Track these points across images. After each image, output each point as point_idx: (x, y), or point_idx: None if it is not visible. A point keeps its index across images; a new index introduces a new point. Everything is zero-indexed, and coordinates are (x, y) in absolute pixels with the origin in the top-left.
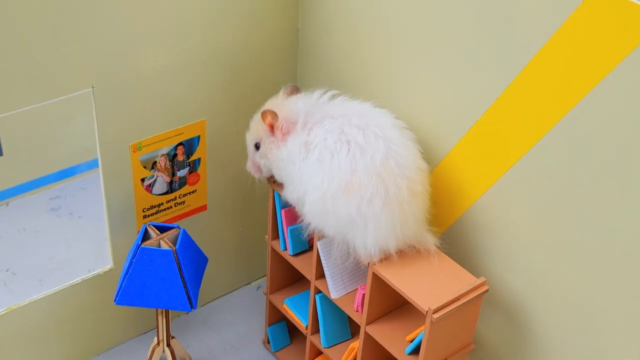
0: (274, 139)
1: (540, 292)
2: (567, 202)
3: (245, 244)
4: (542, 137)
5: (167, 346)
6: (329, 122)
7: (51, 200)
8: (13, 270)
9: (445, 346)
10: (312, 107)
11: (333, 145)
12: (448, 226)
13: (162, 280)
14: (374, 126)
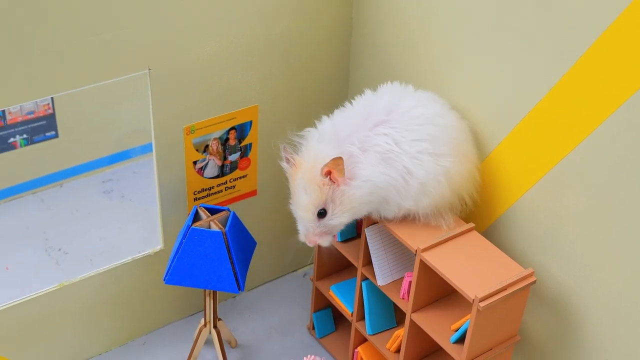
0: (342, 185)
1: (589, 286)
2: (619, 195)
3: (294, 231)
4: (595, 129)
5: (213, 328)
6: (381, 127)
7: (103, 183)
8: (65, 250)
9: (490, 336)
10: (342, 129)
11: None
12: (497, 217)
13: (211, 261)
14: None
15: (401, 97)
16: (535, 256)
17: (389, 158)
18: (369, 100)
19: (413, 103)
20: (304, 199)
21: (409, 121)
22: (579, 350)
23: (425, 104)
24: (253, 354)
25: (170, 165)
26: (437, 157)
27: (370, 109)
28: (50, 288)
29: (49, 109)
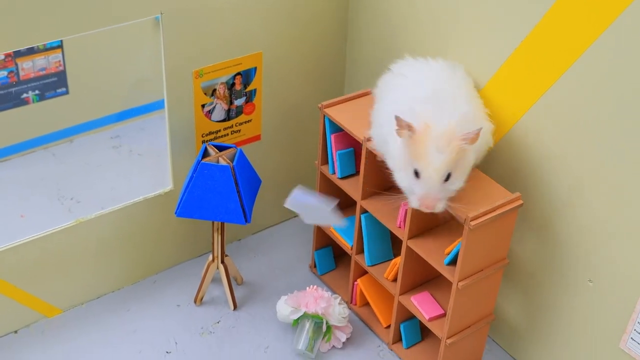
0: (471, 144)
1: (572, 213)
2: (599, 125)
3: (296, 175)
4: (575, 61)
5: (221, 263)
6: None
7: (112, 139)
8: (77, 198)
9: (481, 257)
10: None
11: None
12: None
13: (220, 195)
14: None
15: (443, 68)
16: (524, 185)
17: (485, 119)
18: (428, 73)
19: (454, 71)
20: (437, 159)
21: (465, 85)
22: (563, 272)
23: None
24: (258, 290)
25: (180, 108)
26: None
27: (440, 79)
28: (67, 224)
29: (60, 66)
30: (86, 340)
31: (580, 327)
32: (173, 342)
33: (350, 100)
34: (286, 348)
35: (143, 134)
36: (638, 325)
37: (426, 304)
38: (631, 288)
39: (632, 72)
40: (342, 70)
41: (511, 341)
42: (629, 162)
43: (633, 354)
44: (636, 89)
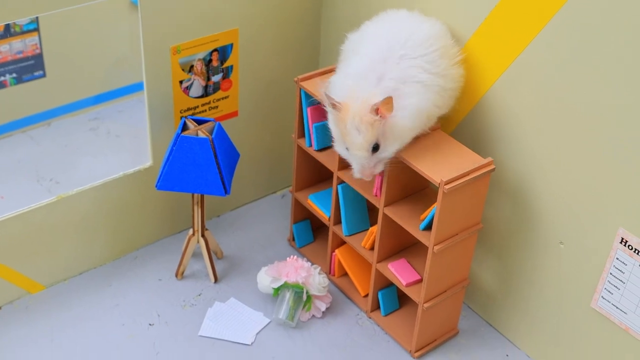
0: (392, 119)
1: (544, 178)
2: (568, 91)
3: (273, 150)
4: (545, 25)
5: (201, 236)
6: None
7: (89, 121)
8: (57, 180)
9: (455, 221)
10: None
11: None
12: (462, 117)
13: (199, 167)
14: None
15: (405, 26)
16: (497, 152)
17: (427, 85)
18: (381, 37)
19: (418, 27)
20: (357, 138)
21: (425, 46)
22: (536, 235)
23: (426, 25)
24: (238, 263)
25: (158, 84)
26: (454, 66)
27: (388, 45)
28: (49, 200)
29: (37, 49)
30: (70, 315)
31: (552, 289)
32: (155, 314)
33: (325, 74)
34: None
35: (121, 116)
36: (608, 284)
37: (403, 270)
38: (600, 248)
39: (603, 37)
40: (317, 46)
41: (486, 306)
42: (598, 126)
43: (604, 312)
44: (608, 53)
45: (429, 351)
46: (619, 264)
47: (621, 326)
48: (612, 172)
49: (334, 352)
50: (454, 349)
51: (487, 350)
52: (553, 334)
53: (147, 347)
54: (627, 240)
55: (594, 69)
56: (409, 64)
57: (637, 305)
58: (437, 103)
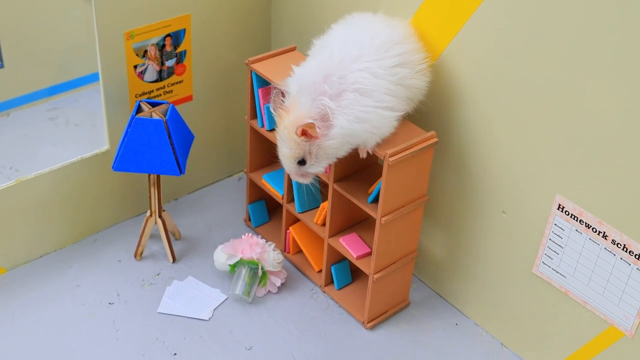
0: (318, 140)
1: (487, 148)
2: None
3: (228, 136)
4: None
5: (158, 217)
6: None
7: (48, 111)
8: (16, 168)
9: (402, 194)
10: (314, 84)
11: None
12: None
13: (154, 148)
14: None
15: (364, 27)
16: (440, 126)
17: (368, 92)
18: (337, 38)
19: (377, 30)
20: (284, 150)
21: (382, 51)
22: (479, 206)
23: (386, 28)
24: (195, 244)
25: (113, 68)
26: (417, 75)
27: (341, 48)
28: (8, 184)
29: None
30: (31, 296)
31: (496, 258)
32: (115, 294)
33: (276, 56)
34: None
35: (79, 106)
36: (548, 250)
37: (354, 244)
38: (539, 216)
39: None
40: (268, 30)
41: (435, 278)
42: (534, 98)
43: (545, 277)
44: (543, 25)
45: (381, 322)
46: (557, 229)
47: (561, 289)
48: (548, 141)
49: (289, 325)
50: (405, 320)
51: (438, 320)
52: (498, 301)
53: (107, 325)
54: (563, 206)
55: (530, 41)
56: (358, 67)
57: (575, 268)
58: (375, 123)
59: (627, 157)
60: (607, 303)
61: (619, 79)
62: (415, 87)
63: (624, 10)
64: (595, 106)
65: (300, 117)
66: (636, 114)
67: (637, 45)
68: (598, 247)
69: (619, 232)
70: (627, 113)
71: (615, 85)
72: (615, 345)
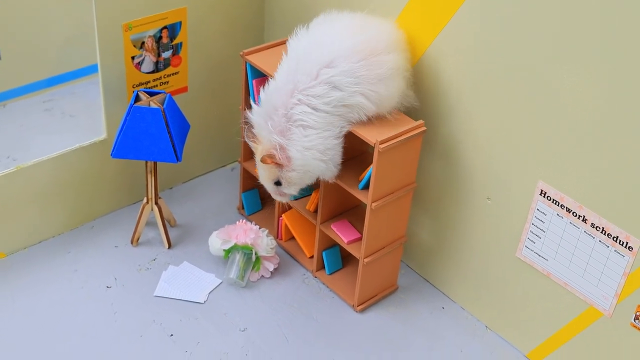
0: (284, 169)
1: (472, 137)
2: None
3: (222, 127)
4: None
5: (155, 204)
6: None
7: (44, 102)
8: (14, 157)
9: (391, 180)
10: (271, 114)
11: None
12: None
13: (152, 136)
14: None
15: (304, 48)
16: (428, 116)
17: (310, 125)
18: (283, 63)
19: (310, 51)
20: (261, 172)
21: (312, 78)
22: (465, 193)
23: (328, 46)
24: (190, 231)
25: (112, 59)
26: (355, 95)
27: (280, 76)
28: (8, 170)
29: None
30: (30, 279)
31: (481, 243)
32: (113, 278)
33: (269, 48)
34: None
35: (74, 98)
36: (530, 234)
37: (345, 230)
38: (523, 201)
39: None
40: (261, 23)
41: (423, 264)
42: (517, 88)
43: (528, 261)
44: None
45: (370, 305)
46: (539, 214)
47: (543, 272)
48: (530, 130)
49: (282, 308)
50: (394, 303)
51: (425, 304)
52: (483, 285)
53: (105, 307)
54: (545, 192)
55: (510, 36)
56: (297, 98)
57: (556, 252)
58: (320, 148)
59: (606, 145)
60: (587, 284)
61: (597, 70)
62: (357, 104)
63: (601, 3)
64: (575, 96)
65: (265, 147)
66: (614, 103)
67: (615, 36)
68: (578, 230)
69: (597, 215)
70: (605, 102)
71: (594, 76)
72: (595, 324)
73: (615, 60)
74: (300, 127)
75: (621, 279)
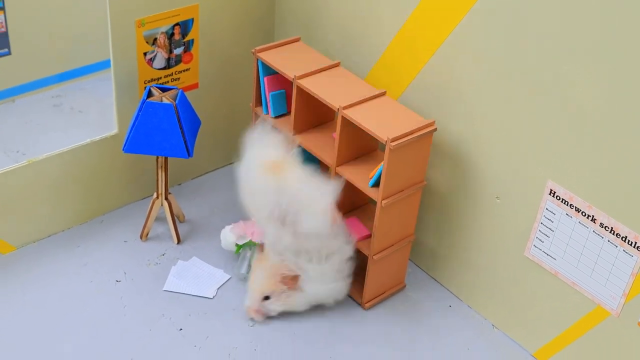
0: (292, 290)
1: (481, 138)
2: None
3: (231, 124)
4: None
5: (165, 199)
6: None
7: (53, 98)
8: (23, 152)
9: (401, 178)
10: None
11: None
12: (407, 85)
13: (164, 131)
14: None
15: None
16: (439, 116)
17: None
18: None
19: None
20: (256, 286)
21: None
22: (474, 192)
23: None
24: (199, 227)
25: (124, 55)
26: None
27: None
28: (20, 164)
29: (2, 27)
30: (40, 272)
31: (489, 243)
32: (122, 272)
33: (281, 46)
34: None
35: (83, 94)
36: (539, 233)
37: (354, 227)
38: (532, 201)
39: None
40: (272, 21)
41: (430, 262)
42: (528, 89)
43: (536, 260)
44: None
45: (378, 303)
46: (548, 213)
47: (551, 271)
48: (540, 129)
49: None
50: (401, 301)
51: (432, 302)
52: (490, 284)
53: (114, 301)
54: (555, 191)
55: (521, 34)
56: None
57: (564, 251)
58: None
59: (616, 145)
60: (595, 284)
61: (609, 69)
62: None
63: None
64: (586, 96)
65: (283, 266)
66: (625, 103)
67: (622, 34)
68: (587, 230)
69: (607, 215)
70: (616, 102)
71: (605, 75)
72: (602, 324)
73: (630, 59)
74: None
75: (629, 278)
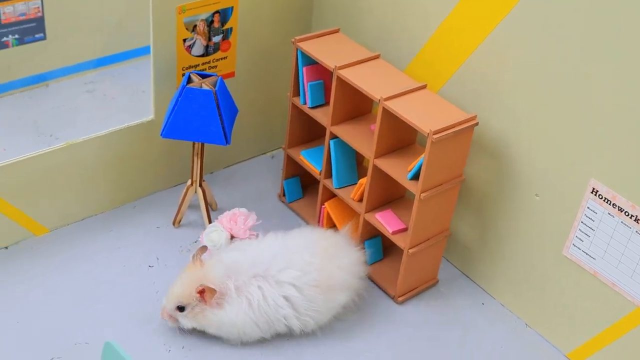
0: (207, 306)
1: (523, 134)
2: (545, 53)
3: (265, 114)
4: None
5: (199, 186)
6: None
7: (86, 84)
8: (56, 136)
9: (441, 171)
10: (234, 266)
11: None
12: (448, 79)
13: (203, 117)
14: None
15: (276, 253)
16: (479, 110)
17: (256, 307)
18: (261, 248)
19: (283, 264)
20: (176, 290)
21: (278, 282)
22: (512, 188)
23: (297, 260)
24: None
25: (164, 41)
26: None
27: (255, 259)
28: (58, 145)
29: (38, 12)
30: (73, 254)
31: (526, 240)
32: (155, 257)
33: (320, 37)
34: None
35: (116, 80)
36: (579, 232)
37: (389, 220)
38: (573, 199)
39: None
40: (310, 11)
41: (464, 258)
42: (571, 86)
43: (575, 259)
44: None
45: (410, 297)
46: (590, 212)
47: (590, 271)
48: (583, 127)
49: None
50: (434, 297)
51: (465, 299)
52: (526, 282)
53: (147, 286)
54: (597, 190)
55: (566, 33)
56: (257, 283)
57: (605, 251)
58: (259, 325)
59: None
60: (635, 285)
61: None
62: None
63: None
64: (631, 93)
65: (208, 277)
66: None
67: None
68: (630, 230)
69: None
70: None
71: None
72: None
73: None
74: (247, 299)
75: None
